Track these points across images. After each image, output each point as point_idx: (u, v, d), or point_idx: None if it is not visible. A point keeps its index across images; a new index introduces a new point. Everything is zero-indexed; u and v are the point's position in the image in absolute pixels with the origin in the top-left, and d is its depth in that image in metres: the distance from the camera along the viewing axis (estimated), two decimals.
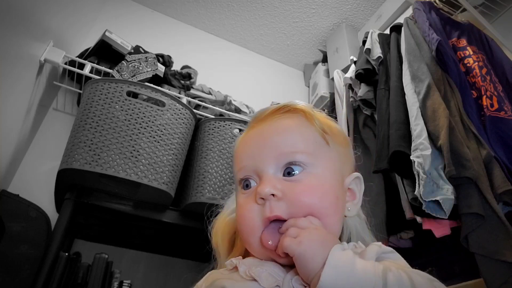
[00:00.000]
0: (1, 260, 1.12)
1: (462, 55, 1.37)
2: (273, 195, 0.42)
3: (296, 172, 0.44)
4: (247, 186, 0.47)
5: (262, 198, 0.43)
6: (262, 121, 0.49)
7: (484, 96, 1.23)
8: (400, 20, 1.58)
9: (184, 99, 1.59)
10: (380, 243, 0.42)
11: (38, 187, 1.40)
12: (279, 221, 0.43)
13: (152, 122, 1.24)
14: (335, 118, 1.71)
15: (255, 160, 0.45)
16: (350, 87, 1.58)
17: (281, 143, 0.45)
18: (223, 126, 1.42)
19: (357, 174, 0.49)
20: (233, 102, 1.85)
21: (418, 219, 1.09)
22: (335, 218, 0.44)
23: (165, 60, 1.77)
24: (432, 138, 1.09)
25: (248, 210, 0.44)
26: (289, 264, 0.41)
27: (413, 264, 0.46)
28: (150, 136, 1.22)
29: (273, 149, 0.45)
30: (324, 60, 2.33)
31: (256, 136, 0.48)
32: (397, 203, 1.17)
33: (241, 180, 0.48)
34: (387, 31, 1.57)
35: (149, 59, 1.61)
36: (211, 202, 1.26)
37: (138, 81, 1.48)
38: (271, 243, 0.42)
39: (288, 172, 0.44)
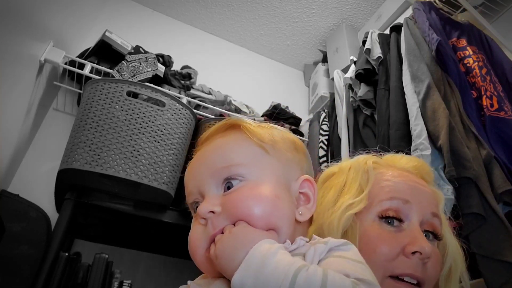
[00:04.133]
0: (1, 260, 1.12)
1: (462, 55, 1.37)
2: (213, 212, 0.43)
3: (235, 185, 0.44)
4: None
5: (204, 218, 0.43)
6: (204, 142, 0.50)
7: (484, 96, 1.24)
8: (400, 20, 1.58)
9: (184, 99, 1.59)
10: (327, 238, 0.41)
11: (38, 187, 1.40)
12: None
13: (152, 122, 1.24)
14: (335, 119, 1.72)
15: (197, 182, 0.46)
16: (350, 87, 1.58)
17: (216, 160, 0.46)
18: None
19: (306, 176, 0.48)
20: (233, 102, 1.86)
21: None
22: (277, 216, 0.42)
23: (165, 60, 1.77)
24: (432, 138, 1.10)
25: (193, 231, 0.45)
26: None
27: None
28: (150, 136, 1.22)
29: (209, 167, 0.46)
30: (324, 60, 2.33)
31: (197, 159, 0.49)
32: None
33: (191, 204, 0.48)
34: (387, 31, 1.57)
35: (149, 59, 1.61)
36: None
37: (138, 81, 1.48)
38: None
39: (228, 186, 0.44)
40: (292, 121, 2.04)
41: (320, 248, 0.39)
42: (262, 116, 2.00)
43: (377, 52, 1.46)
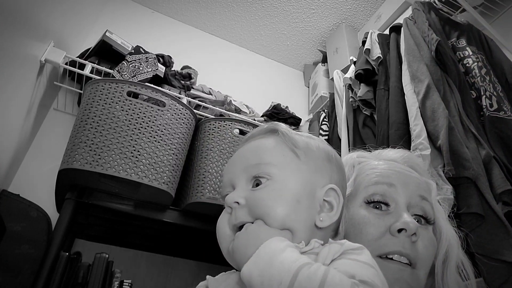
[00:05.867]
0: (1, 260, 1.12)
1: (462, 56, 1.38)
2: (237, 203, 0.46)
3: (263, 182, 0.47)
4: None
5: (230, 207, 0.47)
6: (244, 143, 0.54)
7: (484, 96, 1.24)
8: (400, 20, 1.59)
9: (184, 99, 1.59)
10: (344, 240, 0.43)
11: (38, 187, 1.40)
12: None
13: (153, 122, 1.24)
14: (335, 119, 1.72)
15: (231, 175, 0.50)
16: (349, 87, 1.58)
17: (249, 157, 0.50)
18: (223, 126, 1.43)
19: (332, 185, 0.49)
20: (233, 102, 1.86)
21: None
22: (293, 219, 0.44)
23: (166, 61, 1.77)
24: (432, 138, 1.10)
25: (221, 219, 0.48)
26: None
27: None
28: (151, 136, 1.22)
29: (243, 163, 0.50)
30: (324, 60, 2.34)
31: (234, 156, 0.53)
32: None
33: (223, 196, 0.51)
34: (387, 32, 1.57)
35: (150, 59, 1.62)
36: (211, 202, 1.27)
37: (139, 81, 1.49)
38: None
39: (256, 183, 0.47)
40: (292, 121, 2.05)
41: (335, 248, 0.41)
42: (262, 116, 2.00)
43: (376, 52, 1.46)
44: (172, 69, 1.82)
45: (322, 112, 1.88)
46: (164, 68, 1.71)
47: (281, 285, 0.35)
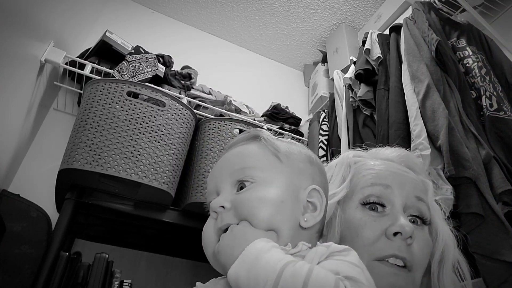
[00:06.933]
0: (1, 260, 1.12)
1: (462, 56, 1.38)
2: (223, 207, 0.46)
3: (247, 185, 0.48)
4: None
5: (215, 212, 0.47)
6: (227, 150, 0.55)
7: (484, 96, 1.24)
8: (400, 20, 1.59)
9: (184, 99, 1.60)
10: (330, 243, 0.43)
11: (38, 187, 1.40)
12: None
13: (153, 122, 1.24)
14: (335, 119, 1.72)
15: (216, 182, 0.51)
16: (349, 87, 1.58)
17: (233, 163, 0.51)
18: (223, 126, 1.43)
19: (314, 186, 0.50)
20: (233, 102, 1.86)
21: None
22: (278, 219, 0.45)
23: (166, 61, 1.78)
24: (432, 138, 1.10)
25: (206, 225, 0.48)
26: None
27: None
28: (151, 136, 1.22)
29: (227, 169, 0.50)
30: (324, 60, 2.34)
31: (219, 163, 0.54)
32: None
33: (209, 203, 0.51)
34: (387, 32, 1.57)
35: (150, 59, 1.62)
36: None
37: (139, 81, 1.49)
38: None
39: (241, 187, 0.48)
40: (292, 121, 2.04)
41: (321, 250, 0.41)
42: (262, 116, 2.00)
43: (376, 52, 1.46)
44: (172, 69, 1.82)
45: (322, 112, 1.88)
46: (164, 68, 1.71)
47: (267, 284, 0.35)
